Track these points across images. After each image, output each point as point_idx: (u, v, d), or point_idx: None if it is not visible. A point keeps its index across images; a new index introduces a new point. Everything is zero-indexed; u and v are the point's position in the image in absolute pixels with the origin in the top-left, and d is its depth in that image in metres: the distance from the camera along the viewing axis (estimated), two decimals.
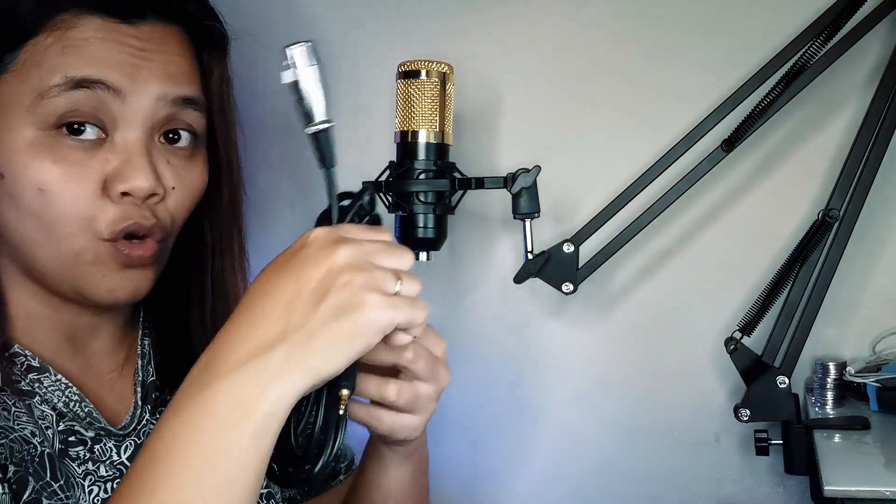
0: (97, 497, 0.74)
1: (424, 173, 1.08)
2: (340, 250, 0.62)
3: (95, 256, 0.74)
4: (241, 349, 0.60)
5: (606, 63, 1.23)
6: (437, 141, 1.09)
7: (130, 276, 0.76)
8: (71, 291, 0.76)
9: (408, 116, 1.08)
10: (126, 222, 0.74)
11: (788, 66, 1.07)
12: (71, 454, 0.74)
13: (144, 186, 0.74)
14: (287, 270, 0.63)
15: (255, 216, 1.36)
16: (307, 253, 0.63)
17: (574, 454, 1.28)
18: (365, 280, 0.62)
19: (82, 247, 0.74)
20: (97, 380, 0.80)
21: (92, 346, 0.81)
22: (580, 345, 1.27)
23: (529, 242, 1.11)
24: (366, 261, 0.63)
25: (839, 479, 0.90)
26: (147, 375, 0.83)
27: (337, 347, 0.60)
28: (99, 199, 0.73)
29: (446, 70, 1.09)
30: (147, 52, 0.75)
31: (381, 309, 0.62)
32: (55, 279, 0.75)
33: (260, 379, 0.59)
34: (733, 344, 1.10)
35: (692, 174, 1.11)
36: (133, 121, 0.74)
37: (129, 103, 0.74)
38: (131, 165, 0.74)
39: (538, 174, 1.08)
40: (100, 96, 0.73)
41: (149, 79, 0.75)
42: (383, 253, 0.64)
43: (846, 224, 1.07)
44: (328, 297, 0.61)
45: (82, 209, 0.73)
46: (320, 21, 1.30)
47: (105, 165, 0.73)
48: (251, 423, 0.58)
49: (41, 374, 0.74)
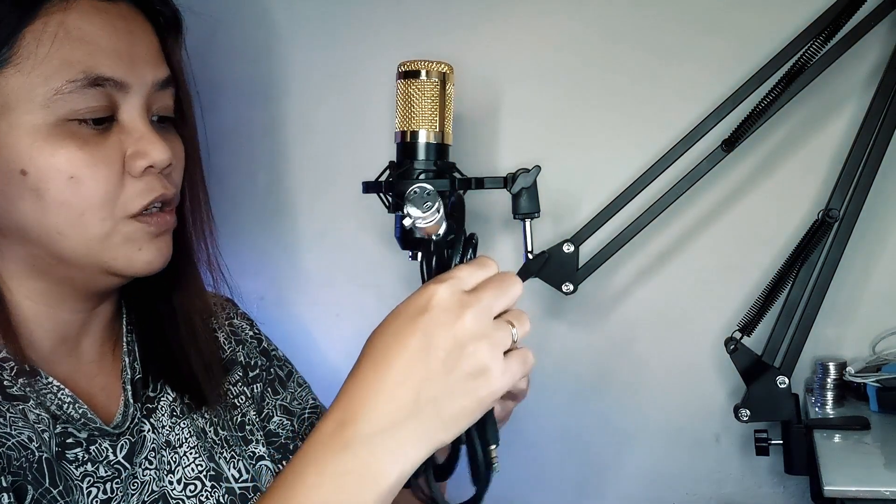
0: (96, 498, 0.74)
1: (424, 173, 1.08)
2: (466, 316, 0.65)
3: (125, 235, 0.76)
4: (375, 417, 0.63)
5: (606, 63, 1.23)
6: (437, 141, 1.09)
7: (161, 244, 0.78)
8: (99, 273, 0.77)
9: (408, 116, 1.08)
10: (154, 194, 0.76)
11: (788, 66, 1.07)
12: (69, 457, 0.74)
13: (164, 158, 0.76)
14: (414, 333, 0.65)
15: (257, 216, 1.36)
16: (434, 317, 0.65)
17: (574, 454, 1.28)
18: (490, 347, 0.65)
19: (112, 228, 0.75)
20: (88, 379, 0.80)
21: (83, 343, 0.81)
22: (580, 345, 1.27)
23: (529, 242, 1.11)
24: (488, 321, 0.66)
25: (839, 479, 0.90)
26: (134, 373, 0.83)
27: (464, 419, 0.65)
28: (121, 178, 0.75)
29: (446, 70, 1.09)
30: (132, 35, 0.76)
31: (504, 376, 0.66)
32: (80, 266, 0.76)
33: (392, 451, 0.63)
34: (733, 344, 1.10)
35: (692, 174, 1.11)
36: (135, 104, 0.76)
37: (132, 91, 0.76)
38: (147, 141, 0.76)
39: (538, 174, 1.08)
40: (109, 91, 0.74)
41: (141, 65, 0.76)
42: (498, 298, 0.67)
43: (846, 224, 1.07)
44: (457, 369, 0.64)
45: (111, 191, 0.74)
46: (320, 21, 1.31)
47: (121, 146, 0.75)
48: (377, 490, 0.62)
49: (32, 377, 0.75)
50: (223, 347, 0.94)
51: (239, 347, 0.95)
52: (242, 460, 0.87)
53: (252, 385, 0.95)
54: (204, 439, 0.85)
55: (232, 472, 0.85)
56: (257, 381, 0.96)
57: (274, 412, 0.96)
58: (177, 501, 0.80)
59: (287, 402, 0.98)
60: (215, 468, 0.84)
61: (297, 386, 1.00)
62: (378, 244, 1.31)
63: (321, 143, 1.32)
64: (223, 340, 0.94)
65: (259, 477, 0.88)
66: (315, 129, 1.32)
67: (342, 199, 1.31)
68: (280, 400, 0.98)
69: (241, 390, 0.92)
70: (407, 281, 1.31)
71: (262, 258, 1.35)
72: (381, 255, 1.31)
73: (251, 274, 1.35)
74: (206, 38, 1.30)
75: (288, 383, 1.00)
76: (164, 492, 0.80)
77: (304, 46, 1.31)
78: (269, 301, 1.35)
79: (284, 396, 0.98)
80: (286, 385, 0.99)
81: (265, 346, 1.00)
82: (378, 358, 0.65)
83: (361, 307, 1.33)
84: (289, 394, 0.99)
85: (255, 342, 0.99)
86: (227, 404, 0.90)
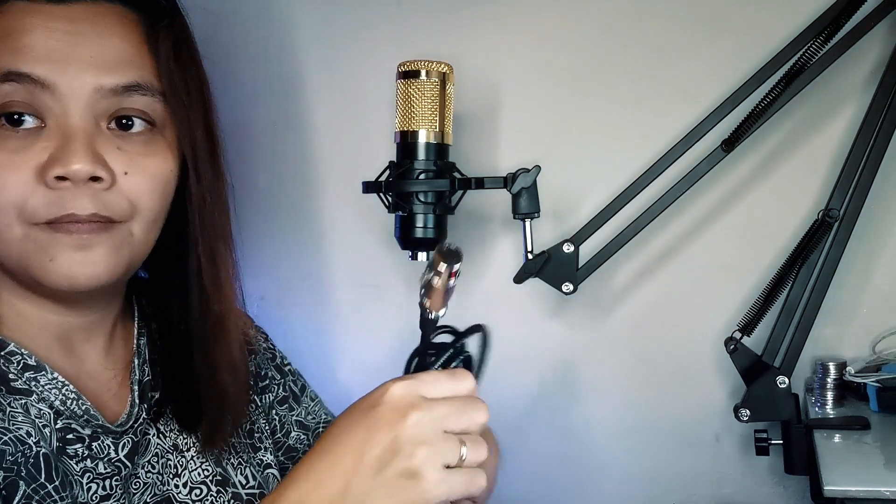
0: (95, 494, 0.74)
1: (424, 173, 1.08)
2: (411, 417, 0.64)
3: (36, 243, 0.72)
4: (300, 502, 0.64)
5: (606, 63, 1.23)
6: (437, 141, 1.09)
7: (83, 259, 0.73)
8: (32, 283, 0.74)
9: (408, 116, 1.08)
10: (60, 211, 0.72)
11: (788, 66, 1.07)
12: (69, 452, 0.74)
13: (81, 169, 0.71)
14: (359, 426, 0.65)
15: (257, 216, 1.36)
16: (380, 412, 0.65)
17: (574, 454, 1.28)
18: (428, 454, 0.64)
19: (22, 234, 0.72)
20: (93, 378, 0.80)
21: (86, 346, 0.80)
22: (580, 345, 1.27)
23: (529, 242, 1.11)
24: (434, 430, 0.65)
25: (839, 479, 0.90)
26: (143, 375, 0.83)
27: None
28: (32, 185, 0.71)
29: (446, 70, 1.09)
30: (79, 37, 0.72)
31: (438, 486, 0.64)
32: (15, 272, 0.74)
33: None
34: (733, 344, 1.10)
35: (692, 174, 1.11)
36: (70, 110, 0.72)
37: (61, 94, 0.72)
38: (67, 150, 0.71)
39: (538, 174, 1.08)
40: (29, 89, 0.71)
41: (81, 68, 0.72)
42: (455, 415, 0.66)
43: (846, 224, 1.07)
44: (389, 468, 0.63)
45: (15, 197, 0.71)
46: (320, 21, 1.30)
47: (42, 153, 0.71)
48: None
49: (38, 372, 0.74)
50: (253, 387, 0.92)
51: (251, 357, 0.94)
52: (250, 467, 0.87)
53: (262, 395, 0.95)
54: None
55: (239, 479, 0.85)
56: (267, 392, 0.96)
57: (292, 427, 0.97)
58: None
59: (302, 417, 0.98)
60: (222, 473, 0.84)
61: (310, 400, 1.01)
62: (378, 244, 1.31)
63: (321, 143, 1.32)
64: None
65: (266, 484, 0.88)
66: (315, 128, 1.32)
67: (342, 199, 1.31)
68: (296, 416, 0.98)
69: (251, 398, 0.92)
70: (407, 281, 1.31)
71: (262, 258, 1.35)
72: (381, 255, 1.31)
73: (251, 274, 1.35)
74: (207, 38, 1.30)
75: (302, 398, 1.00)
76: (170, 495, 0.80)
77: (304, 46, 1.31)
78: (270, 301, 1.35)
79: (299, 412, 0.98)
80: (300, 400, 0.99)
81: (279, 362, 1.00)
82: (323, 446, 0.66)
83: (361, 307, 1.33)
84: (303, 409, 0.99)
85: (269, 354, 0.99)
86: None
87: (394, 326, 1.31)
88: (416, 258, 1.12)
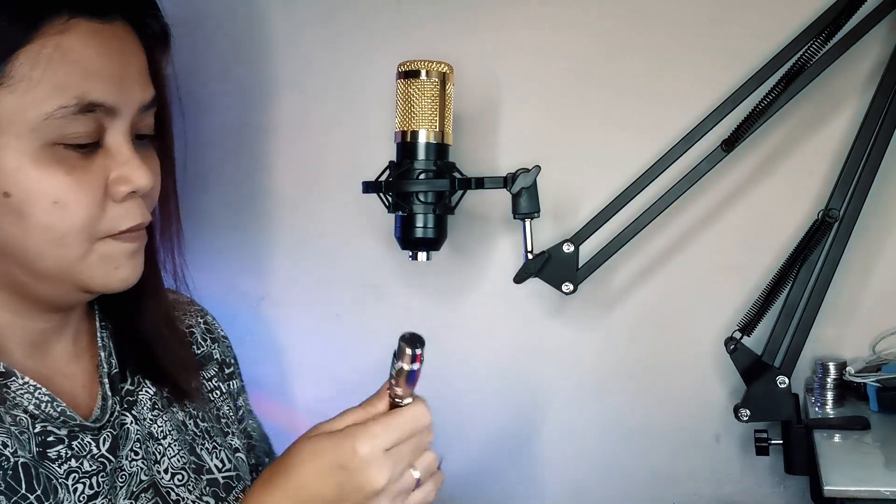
0: (82, 494, 0.75)
1: (424, 173, 1.09)
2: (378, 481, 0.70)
3: (102, 254, 0.76)
4: None
5: (606, 63, 1.23)
6: (437, 141, 1.09)
7: (136, 261, 0.79)
8: (74, 290, 0.77)
9: (408, 116, 1.08)
10: (133, 221, 0.77)
11: (788, 66, 1.07)
12: (51, 455, 0.74)
13: (146, 184, 0.76)
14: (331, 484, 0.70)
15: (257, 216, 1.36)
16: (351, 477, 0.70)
17: (574, 454, 1.28)
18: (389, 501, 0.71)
19: (89, 249, 0.75)
20: (68, 377, 0.81)
21: (57, 347, 0.82)
22: (580, 345, 1.27)
23: (529, 242, 1.11)
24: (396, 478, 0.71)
25: (839, 479, 0.90)
26: (111, 368, 0.84)
27: None
28: (100, 203, 0.75)
29: (446, 70, 1.09)
30: (126, 56, 0.75)
31: None
32: (56, 283, 0.76)
33: None
34: (733, 344, 1.10)
35: (692, 174, 1.11)
36: (121, 128, 0.75)
37: (120, 115, 0.75)
38: (131, 166, 0.75)
39: (538, 174, 1.08)
40: (100, 116, 0.73)
41: (133, 88, 0.76)
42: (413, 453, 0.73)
43: (846, 224, 1.07)
44: None
45: (92, 215, 0.74)
46: (320, 21, 1.30)
47: (105, 170, 0.75)
48: None
49: (7, 378, 0.75)
50: (199, 343, 0.95)
51: (214, 345, 0.96)
52: (224, 450, 0.89)
53: (228, 381, 0.96)
54: (185, 432, 0.86)
55: (214, 463, 0.87)
56: (233, 378, 0.98)
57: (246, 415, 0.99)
58: (167, 490, 0.81)
59: None
60: (196, 461, 0.85)
61: None
62: (378, 244, 1.31)
63: (321, 143, 1.32)
64: (199, 337, 0.95)
65: (240, 467, 0.89)
66: (315, 128, 1.32)
67: (342, 199, 1.31)
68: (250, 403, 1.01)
69: (217, 385, 0.94)
70: (407, 281, 1.31)
71: (262, 258, 1.35)
72: (381, 255, 1.31)
73: (251, 274, 1.35)
74: (206, 38, 1.30)
75: None
76: (154, 480, 0.81)
77: (303, 46, 1.31)
78: (270, 301, 1.35)
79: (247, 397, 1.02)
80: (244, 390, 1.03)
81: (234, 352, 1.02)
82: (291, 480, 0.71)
83: (361, 307, 1.33)
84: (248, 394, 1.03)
85: (226, 341, 1.00)
86: (203, 397, 0.91)
87: (393, 326, 1.31)
88: (416, 258, 1.12)
